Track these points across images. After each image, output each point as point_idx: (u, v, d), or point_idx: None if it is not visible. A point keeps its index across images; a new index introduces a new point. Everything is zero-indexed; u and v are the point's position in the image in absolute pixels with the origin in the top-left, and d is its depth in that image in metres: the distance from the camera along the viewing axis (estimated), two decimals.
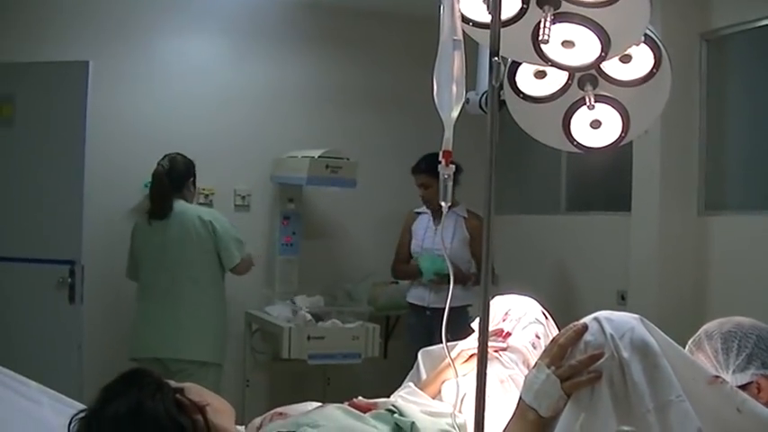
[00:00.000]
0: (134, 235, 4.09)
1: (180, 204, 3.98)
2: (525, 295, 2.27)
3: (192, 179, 4.07)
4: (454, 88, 1.47)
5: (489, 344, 1.68)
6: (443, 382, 2.13)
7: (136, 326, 4.00)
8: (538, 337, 2.12)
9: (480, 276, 1.45)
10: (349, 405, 1.79)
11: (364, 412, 1.75)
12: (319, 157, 4.52)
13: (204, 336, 3.95)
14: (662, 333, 1.52)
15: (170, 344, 3.87)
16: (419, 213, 4.67)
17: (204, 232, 3.92)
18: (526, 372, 1.95)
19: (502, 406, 1.79)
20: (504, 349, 2.06)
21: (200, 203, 4.86)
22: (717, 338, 1.76)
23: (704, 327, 1.83)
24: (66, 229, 4.09)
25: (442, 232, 4.44)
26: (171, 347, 3.87)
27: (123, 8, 4.67)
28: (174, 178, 3.98)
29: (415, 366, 2.26)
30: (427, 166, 4.34)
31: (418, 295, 4.52)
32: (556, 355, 1.52)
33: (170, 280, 3.92)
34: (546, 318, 2.19)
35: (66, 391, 1.89)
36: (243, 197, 5.05)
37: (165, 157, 4.03)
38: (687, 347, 1.80)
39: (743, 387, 1.68)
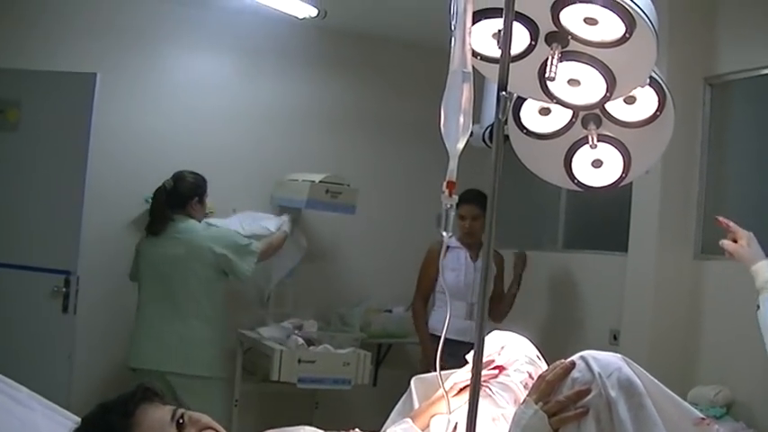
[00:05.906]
0: (140, 243, 4.18)
1: (188, 223, 4.05)
2: (521, 334, 2.26)
3: (196, 198, 4.13)
4: (461, 119, 1.47)
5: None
6: (433, 415, 2.11)
7: (136, 336, 4.01)
8: (531, 377, 2.10)
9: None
10: None
11: None
12: (320, 181, 4.53)
13: (206, 350, 3.97)
14: (647, 374, 1.53)
15: (173, 358, 3.87)
16: (449, 247, 4.38)
17: (210, 256, 3.97)
18: None
19: None
20: (494, 377, 2.05)
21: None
22: None
23: None
24: (63, 239, 4.09)
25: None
26: (174, 362, 3.87)
27: (134, 23, 4.70)
28: (174, 198, 4.08)
29: (407, 393, 2.23)
30: (476, 197, 4.22)
31: (455, 328, 3.95)
32: (543, 391, 1.52)
33: (170, 294, 3.94)
34: (539, 358, 2.18)
35: (54, 400, 1.88)
36: None
37: (175, 174, 4.13)
38: None
39: None
